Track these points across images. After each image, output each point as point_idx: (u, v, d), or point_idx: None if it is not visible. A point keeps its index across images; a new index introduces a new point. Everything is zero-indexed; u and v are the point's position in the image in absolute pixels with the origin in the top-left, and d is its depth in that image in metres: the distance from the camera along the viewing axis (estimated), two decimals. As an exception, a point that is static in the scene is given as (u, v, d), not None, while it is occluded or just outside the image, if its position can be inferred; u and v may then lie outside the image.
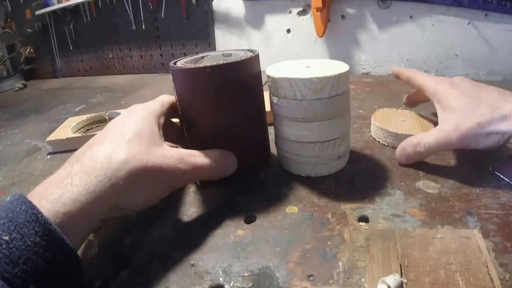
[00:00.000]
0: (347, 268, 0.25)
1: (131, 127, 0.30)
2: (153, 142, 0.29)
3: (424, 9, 0.76)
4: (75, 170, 0.25)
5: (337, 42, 0.86)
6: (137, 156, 0.27)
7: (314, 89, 0.32)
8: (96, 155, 0.27)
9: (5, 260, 0.19)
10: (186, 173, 0.30)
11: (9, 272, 0.19)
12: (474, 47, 0.76)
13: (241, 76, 0.33)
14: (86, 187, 0.24)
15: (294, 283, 0.24)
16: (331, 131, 0.34)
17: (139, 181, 0.27)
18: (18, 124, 0.70)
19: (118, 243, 0.30)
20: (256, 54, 0.35)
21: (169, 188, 0.30)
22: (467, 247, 0.26)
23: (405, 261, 0.25)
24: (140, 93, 0.84)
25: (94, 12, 1.04)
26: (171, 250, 0.29)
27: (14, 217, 0.21)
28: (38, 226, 0.21)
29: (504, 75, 0.76)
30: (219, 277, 0.25)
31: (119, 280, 0.26)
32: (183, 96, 0.34)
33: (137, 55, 1.07)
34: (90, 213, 0.24)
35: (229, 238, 0.29)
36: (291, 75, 0.32)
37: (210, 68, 0.31)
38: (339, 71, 0.32)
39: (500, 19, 0.72)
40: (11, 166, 0.50)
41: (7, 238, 0.20)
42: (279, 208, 0.32)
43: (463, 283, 0.23)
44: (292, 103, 0.33)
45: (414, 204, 0.31)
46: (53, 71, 1.18)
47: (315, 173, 0.37)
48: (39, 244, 0.21)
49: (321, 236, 0.28)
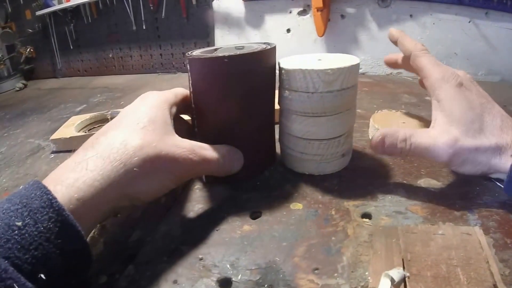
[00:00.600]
0: (351, 262, 0.26)
1: (146, 113, 0.30)
2: (166, 131, 0.29)
3: (424, 8, 0.77)
4: (90, 155, 0.25)
5: (336, 41, 0.87)
6: (152, 143, 0.27)
7: (327, 80, 0.32)
8: (112, 141, 0.27)
9: (17, 246, 0.19)
10: (196, 164, 0.30)
11: (19, 258, 0.19)
12: (474, 46, 0.76)
13: (257, 68, 0.33)
14: (101, 172, 0.24)
15: (300, 276, 0.25)
16: (338, 127, 0.35)
17: (152, 169, 0.27)
18: (20, 124, 0.71)
19: (124, 240, 0.31)
20: (273, 47, 0.35)
21: (177, 179, 0.30)
22: (468, 243, 0.26)
23: (407, 255, 0.25)
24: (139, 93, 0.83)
25: (94, 13, 1.05)
26: (178, 245, 0.29)
27: (28, 202, 0.21)
28: (52, 212, 0.21)
29: (503, 75, 0.77)
30: (226, 270, 0.26)
31: (126, 274, 0.26)
32: (198, 86, 0.34)
33: (137, 54, 1.08)
34: (103, 200, 0.25)
35: (236, 233, 0.30)
36: (305, 66, 0.32)
37: (228, 58, 0.31)
38: (351, 63, 0.33)
39: (501, 18, 0.72)
40: (15, 168, 0.50)
41: (20, 224, 0.20)
42: (284, 205, 0.33)
43: (464, 278, 0.23)
44: (303, 96, 0.33)
45: (416, 202, 0.32)
46: (53, 71, 1.18)
47: (318, 172, 0.37)
48: (51, 230, 0.21)
49: (325, 232, 0.29)
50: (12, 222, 0.20)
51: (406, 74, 0.84)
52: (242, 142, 0.35)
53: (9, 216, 0.20)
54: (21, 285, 0.18)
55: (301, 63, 0.34)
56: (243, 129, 0.35)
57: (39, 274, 0.20)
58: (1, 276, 0.18)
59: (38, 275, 0.20)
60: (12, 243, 0.19)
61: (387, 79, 0.81)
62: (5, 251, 0.19)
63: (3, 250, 0.19)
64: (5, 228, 0.20)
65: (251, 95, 0.34)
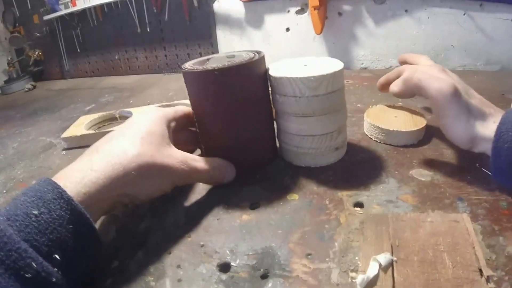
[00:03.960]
0: (342, 248, 0.27)
1: (146, 126, 0.33)
2: (162, 143, 0.33)
3: (419, 3, 0.78)
4: (94, 159, 0.29)
5: (335, 38, 0.88)
6: (148, 153, 0.31)
7: (312, 86, 0.34)
8: (114, 148, 0.30)
9: (34, 230, 0.22)
10: (187, 173, 0.33)
11: (37, 241, 0.22)
12: (470, 38, 0.77)
13: (247, 77, 0.36)
14: (103, 172, 0.28)
15: (294, 261, 0.27)
16: (328, 125, 0.37)
17: (147, 174, 0.30)
18: (31, 123, 0.74)
19: (134, 228, 0.33)
20: (262, 56, 0.37)
21: (171, 184, 0.33)
22: (456, 229, 0.28)
23: (396, 241, 0.27)
24: (148, 92, 0.87)
25: (100, 17, 1.08)
26: (183, 233, 0.31)
27: (42, 195, 0.24)
28: (63, 202, 0.24)
29: (502, 64, 0.77)
30: (226, 256, 0.28)
31: (135, 260, 0.29)
32: (194, 97, 0.37)
33: (142, 56, 1.10)
34: (105, 195, 0.28)
35: (235, 222, 0.32)
36: (290, 74, 0.35)
37: (218, 70, 0.33)
38: (334, 70, 0.35)
39: (495, 8, 0.72)
40: (28, 161, 0.53)
41: (36, 212, 0.23)
42: (281, 196, 0.35)
43: (449, 262, 0.25)
44: (292, 100, 0.36)
45: (407, 191, 0.33)
46: (61, 73, 1.22)
47: (314, 164, 0.39)
48: (63, 217, 0.24)
49: (319, 220, 0.31)
50: (30, 211, 0.23)
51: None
52: (242, 144, 0.38)
53: (26, 207, 0.23)
54: (39, 263, 0.21)
55: (287, 70, 0.36)
56: (242, 133, 0.37)
57: (54, 255, 0.23)
58: (21, 255, 0.21)
59: (54, 256, 0.23)
60: (31, 228, 0.22)
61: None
62: (25, 234, 0.22)
63: (23, 234, 0.22)
64: (24, 216, 0.23)
65: (245, 102, 0.36)
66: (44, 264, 0.22)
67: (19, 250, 0.21)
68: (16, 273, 0.20)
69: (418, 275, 0.24)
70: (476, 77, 0.70)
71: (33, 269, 0.21)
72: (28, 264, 0.21)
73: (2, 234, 0.21)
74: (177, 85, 0.90)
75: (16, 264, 0.20)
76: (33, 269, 0.21)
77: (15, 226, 0.22)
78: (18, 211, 0.23)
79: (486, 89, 0.32)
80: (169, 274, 0.27)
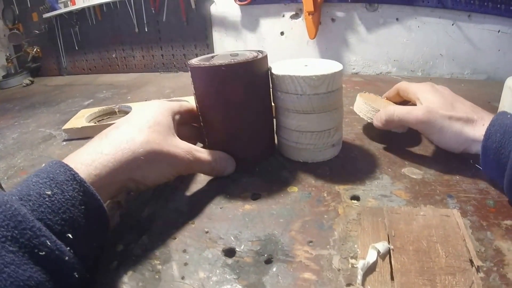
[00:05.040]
0: (341, 236, 0.29)
1: (153, 116, 0.34)
2: (168, 132, 0.34)
3: (409, 11, 0.81)
4: (104, 144, 0.30)
5: (328, 43, 0.91)
6: (156, 140, 0.32)
7: (313, 85, 0.36)
8: (123, 134, 0.31)
9: (48, 210, 0.23)
10: (191, 163, 0.34)
11: (50, 220, 0.23)
12: (458, 47, 0.80)
13: (252, 74, 0.37)
14: (114, 156, 0.29)
15: (297, 247, 0.28)
16: (327, 122, 0.39)
17: (154, 160, 0.31)
18: (30, 115, 0.73)
19: (137, 214, 0.34)
20: (265, 55, 0.39)
21: (175, 172, 0.34)
22: (447, 223, 0.29)
23: (392, 232, 0.29)
24: (144, 89, 0.87)
25: (99, 16, 1.09)
26: (186, 220, 0.32)
27: (54, 176, 0.25)
28: (75, 184, 0.25)
29: (488, 74, 0.80)
30: (231, 242, 0.29)
31: (140, 244, 0.30)
32: (200, 92, 0.38)
33: (139, 55, 1.11)
34: (114, 179, 0.29)
35: (238, 211, 0.33)
36: (293, 73, 0.36)
37: (225, 66, 0.35)
38: (334, 70, 0.37)
39: (483, 20, 0.76)
40: (29, 150, 0.53)
41: (50, 192, 0.24)
42: (281, 188, 0.36)
43: (442, 252, 0.26)
44: (293, 97, 0.37)
45: (399, 187, 0.35)
46: (58, 69, 1.22)
47: (311, 159, 0.41)
48: (76, 198, 0.25)
49: (318, 211, 0.32)
50: (43, 192, 0.24)
51: (394, 74, 0.88)
52: (244, 137, 0.39)
53: (39, 187, 0.24)
54: (52, 242, 0.22)
55: (290, 69, 0.38)
56: (244, 127, 0.39)
57: (67, 234, 0.23)
58: (36, 234, 0.21)
59: (66, 235, 0.23)
60: (44, 207, 0.23)
61: (377, 79, 0.84)
62: (38, 214, 0.23)
63: (36, 213, 0.23)
64: (37, 196, 0.23)
65: (248, 97, 0.38)
66: (58, 243, 0.22)
67: (33, 228, 0.21)
68: (30, 251, 0.21)
69: (414, 262, 0.26)
70: (463, 85, 0.74)
71: (47, 247, 0.21)
72: (42, 242, 0.21)
73: (16, 213, 0.21)
74: (173, 83, 0.90)
75: (31, 242, 0.21)
76: (47, 247, 0.21)
77: (28, 206, 0.23)
78: (31, 191, 0.23)
79: (473, 97, 0.35)
80: (175, 258, 0.28)
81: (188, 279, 0.26)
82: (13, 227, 0.21)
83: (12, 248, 0.20)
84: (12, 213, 0.21)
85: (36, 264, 0.21)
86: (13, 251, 0.20)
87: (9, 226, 0.21)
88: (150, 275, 0.27)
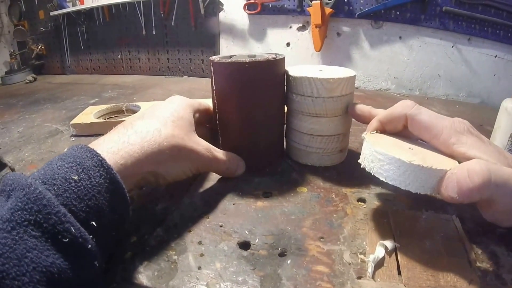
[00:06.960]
0: (351, 234, 0.30)
1: (176, 111, 0.35)
2: (190, 129, 0.34)
3: (412, 31, 0.84)
4: (129, 133, 0.30)
5: (332, 57, 0.94)
6: (180, 135, 0.32)
7: (329, 88, 0.38)
8: (148, 126, 0.31)
9: (73, 196, 0.22)
10: (210, 161, 0.35)
11: (75, 206, 0.22)
12: (456, 69, 0.83)
13: (272, 73, 0.38)
14: (139, 146, 0.29)
15: (309, 242, 0.29)
16: (337, 127, 0.40)
17: (178, 155, 0.32)
18: (35, 110, 0.74)
19: (152, 208, 0.35)
20: (284, 57, 0.40)
21: (195, 169, 0.34)
22: (447, 227, 0.31)
23: (397, 231, 0.30)
24: (150, 91, 0.88)
25: (107, 16, 1.10)
26: (201, 214, 0.33)
27: (81, 161, 0.24)
28: (103, 170, 0.24)
29: (482, 98, 0.83)
30: (245, 235, 0.30)
31: (155, 236, 0.30)
32: (220, 88, 0.39)
33: (145, 57, 1.13)
34: (138, 170, 0.28)
35: (250, 207, 0.34)
36: (310, 75, 0.38)
37: (248, 63, 0.36)
38: (349, 74, 0.39)
39: (481, 44, 0.79)
40: (36, 144, 0.53)
41: (76, 177, 0.23)
42: (291, 188, 0.38)
43: (444, 252, 0.28)
44: (308, 99, 0.39)
45: (402, 193, 0.36)
46: (62, 68, 1.22)
47: (319, 163, 0.42)
48: (102, 185, 0.24)
49: (328, 210, 0.34)
50: (69, 176, 0.23)
51: (393, 91, 0.91)
52: (259, 136, 0.40)
53: (65, 171, 0.23)
54: (76, 229, 0.21)
55: (306, 72, 0.40)
56: (260, 125, 0.40)
57: (91, 222, 0.23)
58: (60, 219, 0.20)
59: (90, 223, 0.22)
60: (70, 193, 0.22)
61: (377, 94, 0.87)
62: (64, 199, 0.22)
63: (61, 199, 0.22)
64: (62, 181, 0.22)
65: (266, 96, 0.39)
66: (82, 230, 0.21)
67: (58, 214, 0.20)
68: (53, 237, 0.20)
69: (418, 259, 0.27)
70: (458, 107, 0.77)
71: (71, 234, 0.20)
72: (66, 229, 0.20)
73: (41, 196, 0.20)
74: (179, 87, 0.92)
75: (55, 228, 0.20)
76: (71, 234, 0.20)
77: (53, 190, 0.22)
78: (56, 175, 0.23)
79: (466, 119, 0.32)
80: (191, 249, 0.29)
81: (204, 269, 0.27)
82: (37, 211, 0.20)
83: (35, 233, 0.20)
84: (37, 196, 0.20)
85: (58, 251, 0.20)
86: (36, 236, 0.20)
87: (33, 209, 0.20)
88: (166, 265, 0.27)
